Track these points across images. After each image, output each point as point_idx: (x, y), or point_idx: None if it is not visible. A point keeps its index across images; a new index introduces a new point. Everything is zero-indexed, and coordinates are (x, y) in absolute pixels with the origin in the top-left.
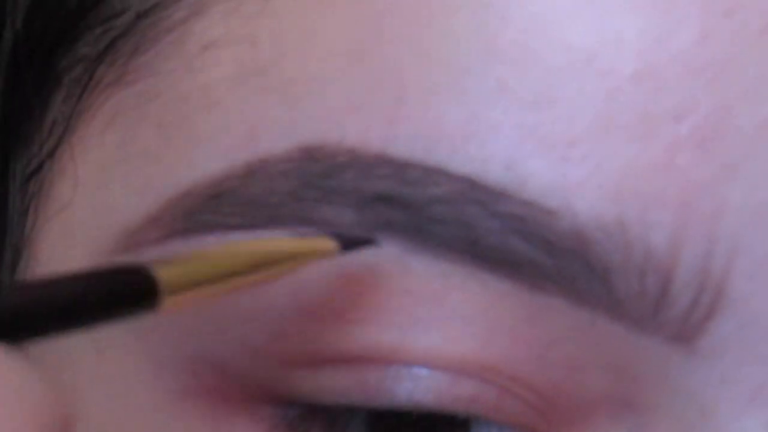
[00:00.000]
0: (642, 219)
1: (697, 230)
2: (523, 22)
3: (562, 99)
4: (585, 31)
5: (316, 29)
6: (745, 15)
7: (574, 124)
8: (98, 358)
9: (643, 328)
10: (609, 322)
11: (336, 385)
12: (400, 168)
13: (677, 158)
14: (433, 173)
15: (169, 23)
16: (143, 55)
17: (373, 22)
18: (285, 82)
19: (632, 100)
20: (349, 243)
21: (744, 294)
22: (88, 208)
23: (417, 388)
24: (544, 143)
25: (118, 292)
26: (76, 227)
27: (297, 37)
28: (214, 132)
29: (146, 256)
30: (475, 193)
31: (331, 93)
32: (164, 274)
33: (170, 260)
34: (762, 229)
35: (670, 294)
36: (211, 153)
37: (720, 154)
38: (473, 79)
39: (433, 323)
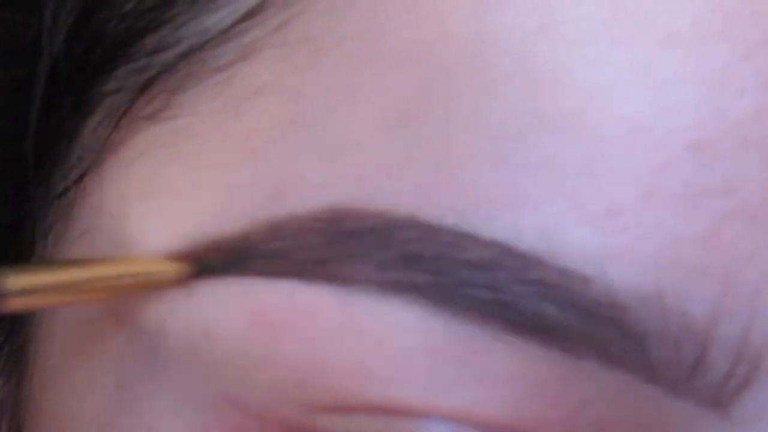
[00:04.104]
0: (681, 289)
1: (738, 302)
2: (577, 91)
3: (607, 169)
4: (640, 102)
5: (364, 88)
6: None
7: (617, 195)
8: (117, 389)
9: (677, 391)
10: (642, 385)
11: (363, 430)
12: (429, 231)
13: (723, 231)
14: (464, 238)
15: (216, 64)
16: (186, 92)
17: (423, 85)
18: (324, 140)
19: (682, 172)
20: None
21: None
22: (106, 238)
23: None
24: (584, 212)
25: None
26: (95, 255)
27: (343, 94)
28: (246, 183)
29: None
30: (508, 259)
31: (369, 155)
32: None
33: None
34: None
35: (707, 361)
36: (241, 205)
37: (766, 228)
38: (518, 147)
39: (461, 384)
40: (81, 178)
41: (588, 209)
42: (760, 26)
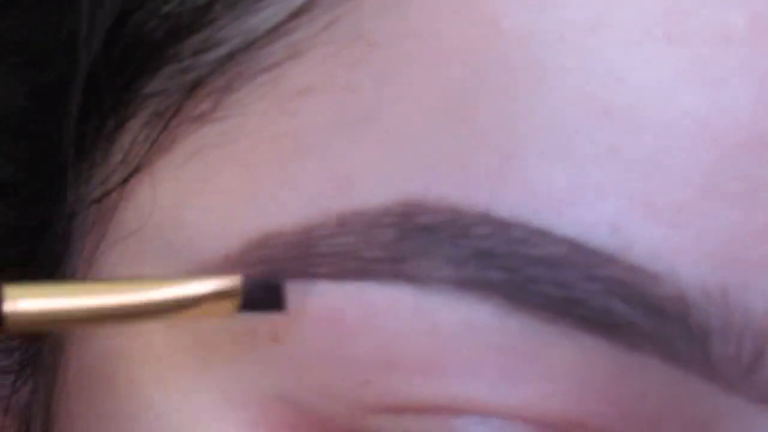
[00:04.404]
0: (744, 284)
1: None
2: (638, 85)
3: (672, 163)
4: (699, 96)
5: (421, 82)
6: None
7: (682, 189)
8: (160, 390)
9: (734, 388)
10: (700, 381)
11: (413, 430)
12: (502, 228)
13: None
14: (536, 234)
15: (264, 63)
16: (235, 92)
17: (482, 77)
18: (387, 132)
19: (741, 166)
20: (255, 292)
21: None
22: (158, 240)
23: None
24: (651, 207)
25: None
26: (145, 256)
27: (401, 87)
28: (307, 178)
29: None
30: (579, 256)
31: (435, 147)
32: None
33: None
34: None
35: (765, 358)
36: (303, 199)
37: None
38: (583, 141)
39: (526, 380)
40: (127, 179)
41: (655, 203)
42: None
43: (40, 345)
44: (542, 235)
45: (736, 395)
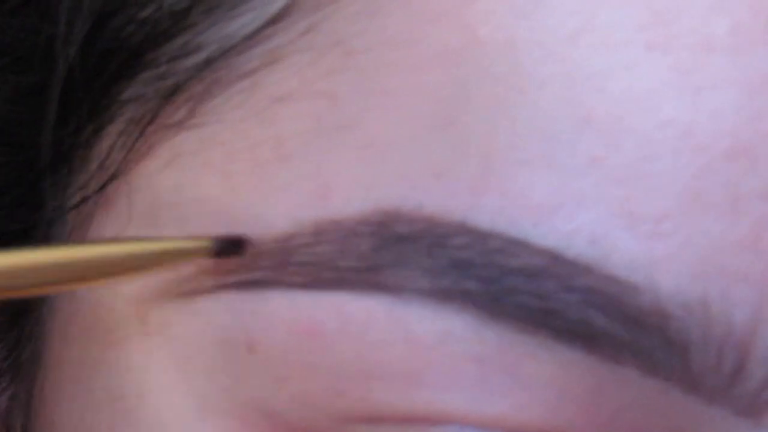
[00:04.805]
0: (725, 296)
1: None
2: (617, 96)
3: (652, 173)
4: (681, 106)
5: (401, 89)
6: None
7: (664, 200)
8: (137, 398)
9: (715, 400)
10: (680, 393)
11: None
12: (479, 238)
13: (763, 237)
14: (513, 245)
15: (242, 70)
16: (212, 99)
17: (461, 86)
18: (364, 140)
19: (723, 176)
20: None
21: None
22: None
23: None
24: (631, 217)
25: None
26: None
27: (380, 96)
28: (284, 186)
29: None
30: (556, 266)
31: (413, 156)
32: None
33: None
34: None
35: (746, 369)
36: (280, 208)
37: None
38: (564, 151)
39: (504, 391)
40: (104, 186)
41: (635, 213)
42: None
43: (19, 351)
44: (520, 245)
45: (718, 407)
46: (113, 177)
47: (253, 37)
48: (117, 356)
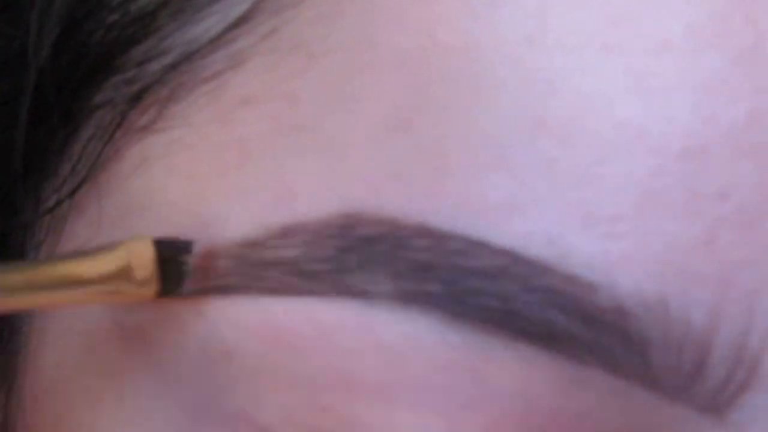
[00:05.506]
0: (682, 295)
1: (736, 307)
2: (573, 97)
3: (608, 174)
4: (635, 108)
5: (361, 93)
6: None
7: (619, 200)
8: (118, 404)
9: (677, 398)
10: (643, 392)
11: None
12: (440, 239)
13: (719, 236)
14: (474, 246)
15: (206, 73)
16: (178, 103)
17: (419, 90)
18: (326, 143)
19: (678, 177)
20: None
21: None
22: None
23: None
24: (588, 218)
25: None
26: None
27: (340, 99)
28: (249, 189)
29: None
30: (517, 267)
31: (373, 158)
32: None
33: None
34: None
35: (706, 367)
36: (246, 211)
37: (761, 234)
38: (519, 153)
39: (475, 405)
40: (74, 191)
41: (592, 214)
42: (753, 31)
43: None
44: (481, 246)
45: (681, 405)
46: (83, 181)
47: (216, 41)
48: (95, 361)
